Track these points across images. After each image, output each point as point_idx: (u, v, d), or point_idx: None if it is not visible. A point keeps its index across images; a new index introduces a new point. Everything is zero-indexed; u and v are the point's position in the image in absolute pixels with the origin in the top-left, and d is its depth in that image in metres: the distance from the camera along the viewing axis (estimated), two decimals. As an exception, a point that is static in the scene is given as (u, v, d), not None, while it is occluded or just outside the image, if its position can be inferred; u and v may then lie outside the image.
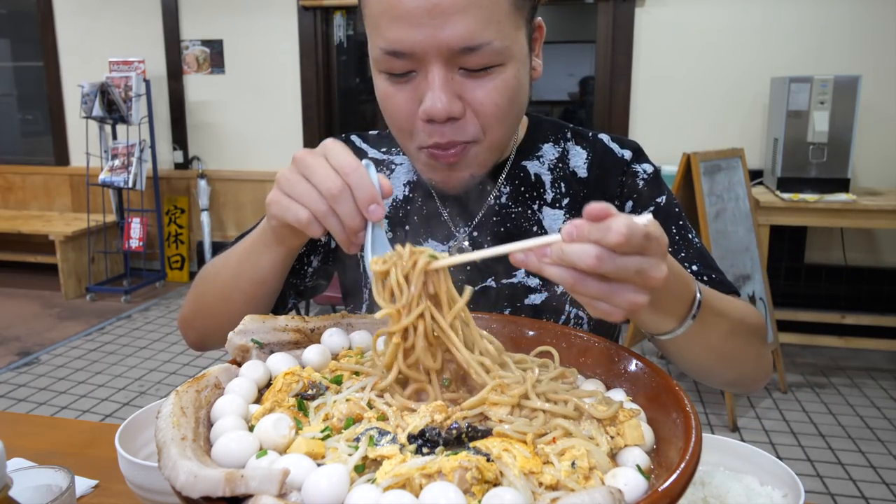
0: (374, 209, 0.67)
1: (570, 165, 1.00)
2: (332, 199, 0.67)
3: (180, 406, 0.57)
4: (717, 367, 0.83)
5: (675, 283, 0.68)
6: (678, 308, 0.71)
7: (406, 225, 0.99)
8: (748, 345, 0.85)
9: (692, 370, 0.84)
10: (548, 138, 1.01)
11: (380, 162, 1.05)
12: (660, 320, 0.71)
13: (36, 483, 0.69)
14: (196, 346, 0.99)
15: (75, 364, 3.68)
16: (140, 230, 4.80)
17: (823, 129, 3.36)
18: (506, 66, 0.80)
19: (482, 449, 0.53)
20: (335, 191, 0.67)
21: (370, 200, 0.67)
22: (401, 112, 0.83)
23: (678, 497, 0.48)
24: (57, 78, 5.19)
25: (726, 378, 0.87)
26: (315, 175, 0.68)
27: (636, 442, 0.57)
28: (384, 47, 0.79)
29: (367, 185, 0.67)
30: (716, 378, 0.87)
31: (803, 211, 3.38)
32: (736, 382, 0.89)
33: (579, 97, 7.37)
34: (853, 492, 2.52)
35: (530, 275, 0.95)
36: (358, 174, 0.67)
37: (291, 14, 4.63)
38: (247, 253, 0.86)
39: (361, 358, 0.72)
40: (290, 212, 0.69)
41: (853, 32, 3.82)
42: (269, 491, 0.47)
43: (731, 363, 0.84)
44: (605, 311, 0.58)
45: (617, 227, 0.53)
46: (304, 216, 0.68)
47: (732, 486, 0.74)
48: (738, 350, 0.83)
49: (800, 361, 3.67)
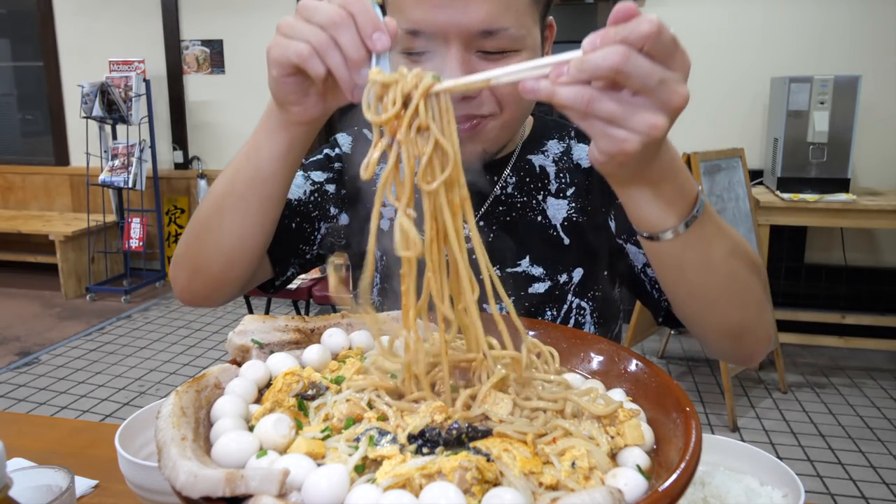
0: (378, 37, 0.63)
1: (573, 159, 1.02)
2: (334, 27, 0.64)
3: (180, 406, 0.57)
4: (720, 295, 0.76)
5: (678, 171, 0.66)
6: (680, 201, 0.67)
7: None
8: (750, 274, 0.77)
9: (693, 300, 0.77)
10: (552, 136, 1.04)
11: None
12: (661, 211, 0.67)
13: (36, 483, 0.69)
14: (185, 292, 0.90)
15: (75, 364, 3.68)
16: (140, 230, 4.80)
17: (823, 129, 3.36)
18: (521, 54, 0.82)
19: (482, 449, 0.52)
20: (336, 18, 0.64)
21: (373, 28, 0.63)
22: None
23: (678, 497, 0.48)
24: (57, 78, 5.19)
25: (729, 319, 0.78)
26: (317, 14, 0.65)
27: (636, 442, 0.57)
28: (407, 27, 0.80)
29: (370, 13, 0.64)
30: (717, 316, 0.78)
31: (803, 211, 3.38)
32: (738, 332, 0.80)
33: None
34: (853, 492, 2.52)
35: (534, 264, 0.96)
36: (360, 3, 0.64)
37: (291, 14, 4.62)
38: (245, 151, 0.81)
39: (362, 358, 0.72)
40: (289, 48, 0.66)
41: (853, 32, 3.82)
42: (269, 491, 0.47)
43: (734, 292, 0.76)
44: (620, 138, 0.55)
45: (649, 18, 0.51)
46: (305, 49, 0.65)
47: (732, 486, 0.74)
48: (740, 276, 0.76)
49: (800, 361, 3.68)
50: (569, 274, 0.97)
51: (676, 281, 0.75)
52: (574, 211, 0.99)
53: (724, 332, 0.80)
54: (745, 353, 0.85)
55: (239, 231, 0.82)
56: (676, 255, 0.70)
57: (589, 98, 0.53)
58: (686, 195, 0.67)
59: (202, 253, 0.86)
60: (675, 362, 3.72)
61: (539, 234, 0.98)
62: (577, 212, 0.99)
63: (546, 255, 0.97)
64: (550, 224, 0.98)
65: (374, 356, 0.70)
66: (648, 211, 0.67)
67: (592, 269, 0.98)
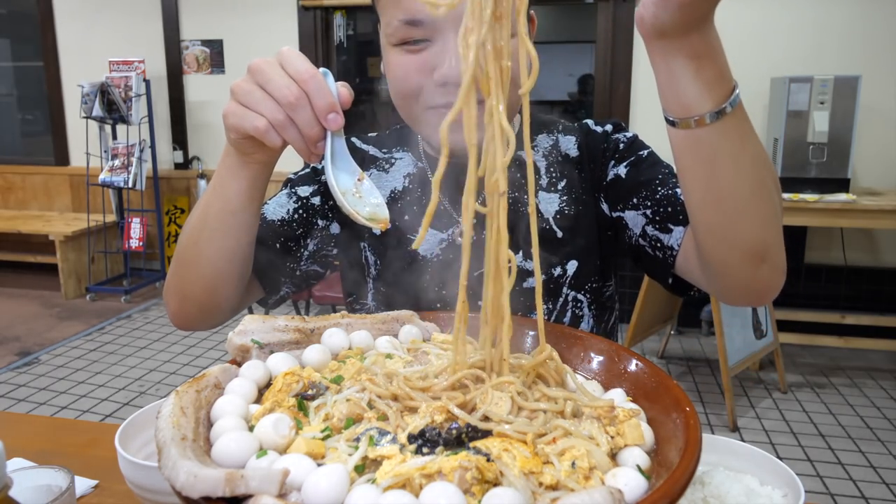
0: (332, 118, 0.66)
1: (561, 150, 1.04)
2: (290, 108, 0.66)
3: (180, 406, 0.57)
4: (749, 203, 0.72)
5: (720, 53, 0.66)
6: (720, 86, 0.67)
7: (406, 214, 1.01)
8: (775, 187, 0.75)
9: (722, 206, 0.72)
10: (541, 131, 1.06)
11: (378, 158, 1.08)
12: (701, 91, 0.66)
13: (36, 483, 0.69)
14: (177, 317, 0.92)
15: (75, 364, 3.68)
16: (140, 230, 4.80)
17: (823, 129, 3.36)
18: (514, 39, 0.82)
19: (482, 449, 0.52)
20: (292, 99, 0.65)
21: (329, 109, 0.66)
22: (412, 76, 0.86)
23: (678, 497, 0.48)
24: (57, 78, 5.19)
25: (754, 234, 0.74)
26: (270, 83, 0.66)
27: (636, 442, 0.57)
28: (403, 17, 0.82)
29: (325, 93, 0.66)
30: (743, 228, 0.73)
31: (803, 211, 3.38)
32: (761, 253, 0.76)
33: (578, 97, 7.36)
34: (853, 492, 2.52)
35: (528, 259, 0.97)
36: (315, 81, 0.66)
37: (291, 14, 4.63)
38: (213, 187, 0.83)
39: (362, 358, 0.72)
40: (246, 120, 0.68)
41: (853, 32, 3.82)
42: (269, 491, 0.47)
43: (761, 201, 0.72)
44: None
45: None
46: (262, 124, 0.67)
47: (732, 486, 0.74)
48: (767, 186, 0.73)
49: (800, 361, 3.68)
50: (563, 267, 0.99)
51: (707, 177, 0.71)
52: (565, 203, 1.00)
53: (747, 250, 0.75)
54: (763, 283, 0.80)
55: (216, 259, 0.84)
56: (711, 144, 0.68)
57: None
58: (726, 81, 0.67)
59: (186, 280, 0.88)
60: (675, 362, 3.72)
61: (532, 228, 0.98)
62: (569, 203, 1.00)
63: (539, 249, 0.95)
64: (543, 218, 0.99)
65: (375, 356, 0.70)
66: (688, 90, 0.66)
67: (587, 260, 0.99)
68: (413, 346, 0.76)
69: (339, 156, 0.69)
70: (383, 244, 1.02)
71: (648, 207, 0.93)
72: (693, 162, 0.72)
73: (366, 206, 0.69)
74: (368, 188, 0.70)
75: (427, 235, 0.99)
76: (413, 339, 0.78)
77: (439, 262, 0.99)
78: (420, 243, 0.63)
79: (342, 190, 0.67)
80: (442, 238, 0.99)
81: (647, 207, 0.93)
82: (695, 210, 0.76)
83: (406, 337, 0.78)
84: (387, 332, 0.79)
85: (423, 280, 0.98)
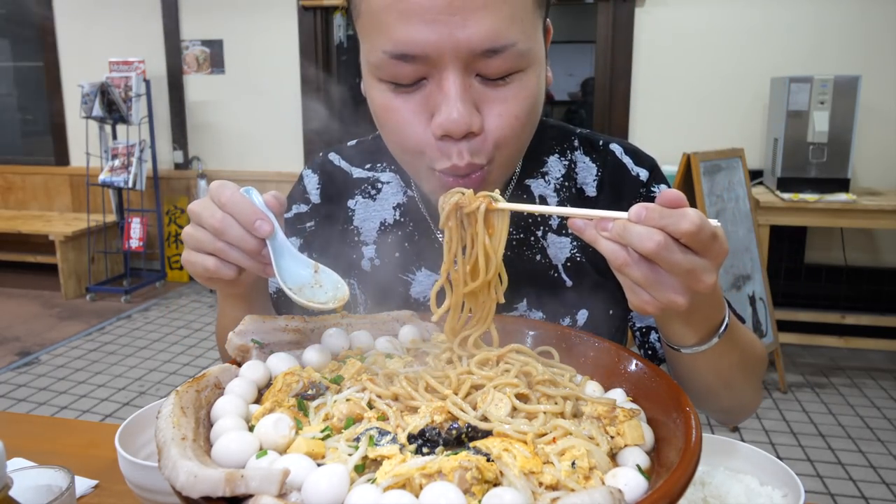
0: (259, 224, 0.68)
1: (577, 182, 0.92)
2: (220, 233, 0.68)
3: (180, 406, 0.57)
4: (719, 392, 0.82)
5: (712, 302, 0.70)
6: (705, 327, 0.71)
7: (396, 252, 0.93)
8: (752, 377, 0.84)
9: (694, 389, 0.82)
10: (553, 149, 0.93)
11: (363, 181, 0.98)
12: (685, 332, 0.72)
13: (36, 483, 0.69)
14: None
15: (75, 364, 3.68)
16: (140, 230, 4.80)
17: (823, 129, 3.36)
18: (527, 73, 0.72)
19: (482, 449, 0.52)
20: (217, 224, 0.68)
21: (252, 218, 0.68)
22: (408, 129, 0.73)
23: (678, 497, 0.48)
24: (57, 78, 5.19)
25: (722, 405, 0.86)
26: (203, 220, 0.69)
27: (636, 442, 0.57)
28: (390, 50, 0.68)
29: (245, 207, 0.68)
30: (712, 403, 0.85)
31: (803, 211, 3.38)
32: (730, 410, 0.88)
33: (580, 97, 7.36)
34: (853, 492, 2.52)
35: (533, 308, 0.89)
36: (235, 201, 0.68)
37: (291, 14, 4.63)
38: (219, 312, 0.89)
39: (362, 358, 0.72)
40: (198, 265, 0.71)
41: (853, 32, 3.82)
42: (269, 491, 0.47)
43: (733, 391, 0.83)
44: (643, 300, 0.60)
45: (691, 216, 0.55)
46: (211, 264, 0.70)
47: (732, 486, 0.74)
48: (742, 380, 0.82)
49: (800, 361, 3.68)
50: (572, 317, 0.90)
51: (685, 377, 0.80)
52: (578, 250, 0.90)
53: (716, 411, 0.88)
54: (732, 421, 0.93)
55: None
56: (690, 361, 0.76)
57: (623, 261, 0.58)
58: (713, 324, 0.72)
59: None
60: (675, 362, 3.72)
61: (538, 275, 0.89)
62: (582, 250, 0.90)
63: (546, 298, 0.89)
64: (551, 264, 0.89)
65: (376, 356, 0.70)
66: (675, 331, 0.73)
67: (598, 310, 0.90)
68: (413, 346, 0.76)
69: (289, 255, 0.71)
70: (373, 282, 0.94)
71: None
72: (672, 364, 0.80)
73: (327, 292, 0.71)
74: (326, 273, 0.73)
75: (420, 277, 0.92)
76: (413, 339, 0.78)
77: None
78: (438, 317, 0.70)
79: (300, 284, 0.70)
80: (436, 278, 0.91)
81: None
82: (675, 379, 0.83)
83: (406, 337, 0.78)
84: (387, 332, 0.79)
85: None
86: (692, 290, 0.58)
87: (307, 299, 0.69)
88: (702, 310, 0.69)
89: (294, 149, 4.81)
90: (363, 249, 0.96)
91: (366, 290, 0.95)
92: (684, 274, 0.57)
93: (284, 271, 0.70)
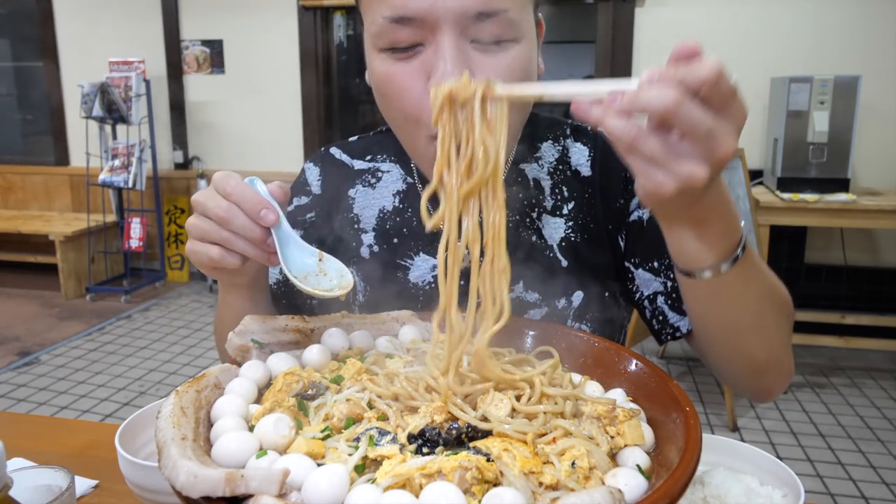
0: (264, 213, 0.69)
1: (571, 165, 0.94)
2: (225, 222, 0.69)
3: (180, 406, 0.57)
4: (750, 337, 0.76)
5: (724, 212, 0.65)
6: (723, 241, 0.67)
7: (395, 238, 0.95)
8: (782, 318, 0.78)
9: (721, 337, 0.77)
10: (546, 137, 0.96)
11: (363, 171, 1.00)
12: (700, 250, 0.67)
13: (36, 483, 0.69)
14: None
15: (75, 364, 3.68)
16: (140, 230, 4.79)
17: (823, 129, 3.36)
18: (519, 43, 0.76)
19: (482, 449, 0.53)
20: (222, 213, 0.69)
21: (258, 207, 0.69)
22: (407, 94, 0.76)
23: (678, 497, 0.48)
24: (57, 78, 5.19)
25: (757, 357, 0.78)
26: (207, 210, 0.70)
27: (636, 442, 0.57)
28: (389, 14, 0.73)
29: (251, 196, 0.69)
30: (744, 357, 0.78)
31: (803, 211, 3.38)
32: (765, 367, 0.80)
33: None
34: (853, 492, 2.52)
35: (529, 289, 0.90)
36: (238, 190, 0.69)
37: (291, 14, 4.63)
38: (219, 304, 0.89)
39: (362, 358, 0.72)
40: (203, 255, 0.71)
41: (853, 32, 3.82)
42: (269, 491, 0.47)
43: (764, 334, 0.76)
44: (658, 181, 0.54)
45: (709, 63, 0.51)
46: (215, 253, 0.71)
47: (732, 486, 0.74)
48: (773, 318, 0.76)
49: (800, 361, 3.67)
50: (568, 298, 0.90)
51: (707, 314, 0.76)
52: (573, 230, 0.91)
53: (747, 365, 0.80)
54: (764, 388, 0.83)
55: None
56: (711, 291, 0.71)
57: (635, 134, 0.53)
58: (730, 236, 0.67)
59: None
60: (675, 362, 3.72)
61: (534, 256, 0.90)
62: (577, 230, 0.91)
63: (542, 279, 0.90)
64: (546, 245, 0.91)
65: (374, 356, 0.70)
66: (689, 248, 0.68)
67: (594, 290, 0.91)
68: (413, 346, 0.76)
69: (293, 244, 0.73)
70: (372, 268, 0.96)
71: (670, 280, 0.87)
72: (692, 300, 0.75)
73: (332, 280, 0.72)
74: (330, 262, 0.74)
75: (418, 261, 0.93)
76: (413, 339, 0.78)
77: (431, 289, 0.93)
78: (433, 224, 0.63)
79: (305, 273, 0.71)
80: (434, 264, 0.92)
81: (668, 278, 0.87)
82: (698, 331, 0.80)
83: (406, 337, 0.78)
84: (387, 332, 0.79)
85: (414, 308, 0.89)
86: (713, 156, 0.53)
87: (312, 287, 0.69)
88: (715, 221, 0.65)
89: (294, 149, 4.81)
90: (362, 237, 0.97)
91: (365, 276, 0.97)
92: (704, 136, 0.52)
93: (289, 260, 0.71)
